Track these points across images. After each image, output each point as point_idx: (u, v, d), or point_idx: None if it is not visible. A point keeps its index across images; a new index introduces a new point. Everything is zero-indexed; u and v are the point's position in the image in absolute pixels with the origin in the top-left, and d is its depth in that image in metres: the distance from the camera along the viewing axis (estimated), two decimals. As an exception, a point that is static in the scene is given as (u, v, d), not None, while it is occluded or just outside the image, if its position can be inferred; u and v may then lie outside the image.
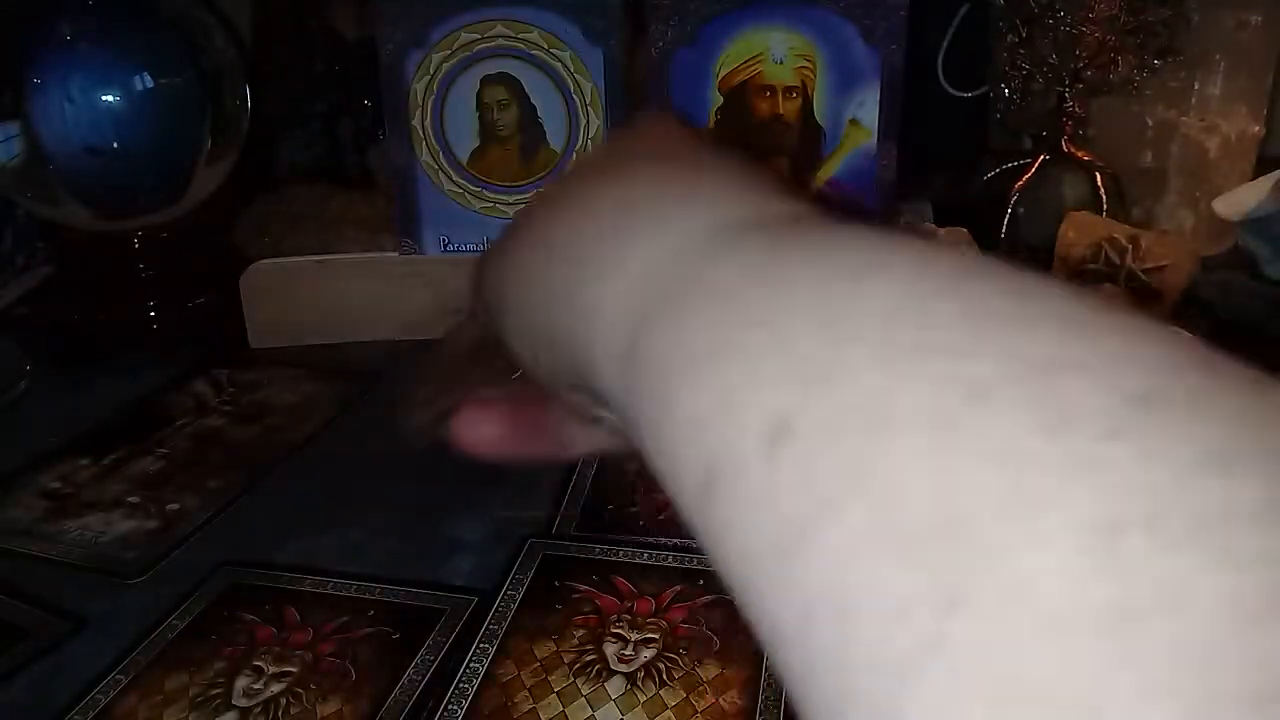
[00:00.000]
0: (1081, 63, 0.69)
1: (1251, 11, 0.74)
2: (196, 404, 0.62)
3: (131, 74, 0.61)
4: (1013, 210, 0.73)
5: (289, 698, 0.39)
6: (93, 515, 0.51)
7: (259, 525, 0.50)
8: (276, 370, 0.66)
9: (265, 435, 0.58)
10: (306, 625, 0.43)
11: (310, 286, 0.69)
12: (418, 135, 0.67)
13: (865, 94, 0.61)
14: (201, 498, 0.52)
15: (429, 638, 0.42)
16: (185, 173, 0.65)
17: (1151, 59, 0.69)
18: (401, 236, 0.68)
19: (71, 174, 0.62)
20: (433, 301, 0.69)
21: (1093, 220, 0.70)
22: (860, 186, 0.63)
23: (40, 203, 0.65)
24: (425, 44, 0.65)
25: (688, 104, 0.64)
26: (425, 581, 0.45)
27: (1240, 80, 0.76)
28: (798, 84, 0.62)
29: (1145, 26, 0.68)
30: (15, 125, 0.61)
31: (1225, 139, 0.76)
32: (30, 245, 0.76)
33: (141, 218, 0.65)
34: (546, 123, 0.66)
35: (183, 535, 0.49)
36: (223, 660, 0.41)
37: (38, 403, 0.63)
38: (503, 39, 0.64)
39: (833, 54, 0.61)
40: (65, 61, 0.60)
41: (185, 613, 0.44)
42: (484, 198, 0.68)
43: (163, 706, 0.39)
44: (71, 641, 0.42)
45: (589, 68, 0.64)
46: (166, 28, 0.64)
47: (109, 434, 0.59)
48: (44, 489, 0.53)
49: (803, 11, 0.60)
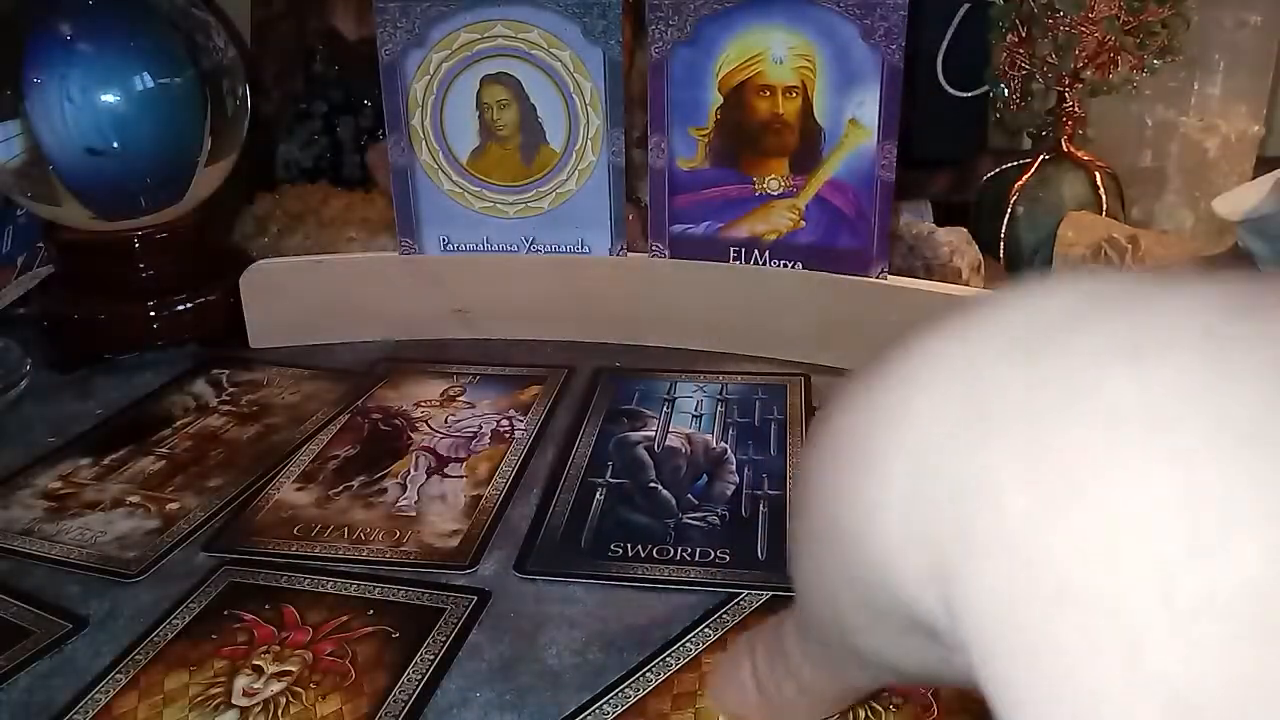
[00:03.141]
0: (1081, 63, 0.69)
1: (1251, 11, 0.74)
2: (196, 404, 0.62)
3: (131, 74, 0.61)
4: (1012, 210, 0.73)
5: (289, 697, 0.39)
6: (93, 515, 0.51)
7: (259, 525, 0.50)
8: (276, 370, 0.66)
9: (265, 435, 0.58)
10: (306, 625, 0.43)
11: (310, 286, 0.69)
12: (418, 135, 0.67)
13: (865, 94, 0.61)
14: (201, 498, 0.52)
15: (429, 637, 0.42)
16: (185, 173, 0.65)
17: (1151, 59, 0.69)
18: (401, 236, 0.68)
19: (71, 174, 0.62)
20: (433, 301, 0.70)
21: (1092, 220, 0.70)
22: (860, 186, 0.63)
23: (40, 203, 0.65)
24: (425, 44, 0.65)
25: (687, 104, 0.64)
26: (425, 581, 0.45)
27: (1240, 80, 0.76)
28: (797, 84, 0.62)
29: (1145, 26, 0.68)
30: (15, 125, 0.61)
31: (1225, 139, 0.76)
32: (30, 245, 0.76)
33: (141, 218, 0.65)
34: (546, 123, 0.66)
35: (183, 535, 0.49)
36: (223, 660, 0.41)
37: (38, 403, 0.63)
38: (503, 39, 0.65)
39: (833, 54, 0.61)
40: (65, 61, 0.60)
41: (185, 613, 0.44)
42: (484, 197, 0.68)
43: (163, 706, 0.39)
44: (71, 641, 0.42)
45: (589, 68, 0.64)
46: (166, 28, 0.64)
47: (109, 434, 0.59)
48: (44, 489, 0.53)
49: (803, 11, 0.61)
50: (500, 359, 0.67)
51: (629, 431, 0.58)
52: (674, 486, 0.52)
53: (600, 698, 0.38)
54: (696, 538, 0.48)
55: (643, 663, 0.40)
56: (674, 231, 0.66)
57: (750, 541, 0.48)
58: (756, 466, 0.54)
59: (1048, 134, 0.73)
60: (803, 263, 0.65)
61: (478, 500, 0.52)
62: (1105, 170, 0.73)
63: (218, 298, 0.68)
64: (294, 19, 0.87)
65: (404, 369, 0.66)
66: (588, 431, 0.58)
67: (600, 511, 0.51)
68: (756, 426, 0.57)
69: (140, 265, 0.66)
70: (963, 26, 0.81)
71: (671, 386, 0.63)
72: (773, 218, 0.65)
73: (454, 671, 0.40)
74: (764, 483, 0.52)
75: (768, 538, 0.48)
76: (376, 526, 0.50)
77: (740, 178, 0.65)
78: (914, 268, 0.68)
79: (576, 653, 0.41)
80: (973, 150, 0.88)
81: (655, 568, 0.46)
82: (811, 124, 0.62)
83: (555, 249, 0.68)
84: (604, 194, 0.66)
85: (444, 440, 0.57)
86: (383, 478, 0.54)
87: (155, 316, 0.66)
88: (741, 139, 0.64)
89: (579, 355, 0.67)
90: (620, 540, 0.48)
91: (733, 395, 0.61)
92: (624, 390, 0.62)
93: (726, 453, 0.55)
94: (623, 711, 0.38)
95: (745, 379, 0.63)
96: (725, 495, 0.52)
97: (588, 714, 0.38)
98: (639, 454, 0.55)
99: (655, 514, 0.50)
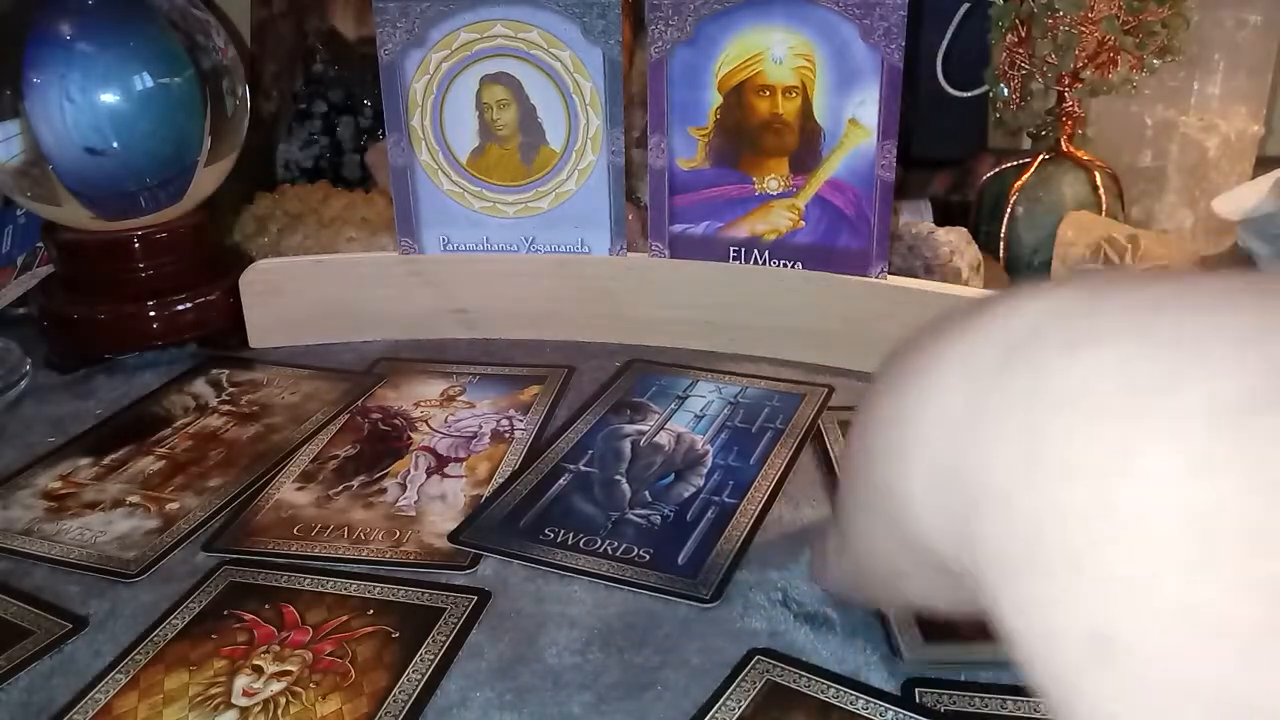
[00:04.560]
0: (1081, 63, 0.69)
1: (1251, 11, 0.74)
2: (196, 404, 0.62)
3: (131, 74, 0.61)
4: (1012, 210, 0.73)
5: (289, 697, 0.39)
6: (93, 515, 0.51)
7: (259, 525, 0.50)
8: (276, 370, 0.66)
9: (265, 435, 0.58)
10: (306, 625, 0.43)
11: (310, 286, 0.69)
12: (418, 135, 0.67)
13: (865, 94, 0.61)
14: (201, 498, 0.52)
15: (429, 637, 0.42)
16: (185, 173, 0.65)
17: (1151, 59, 0.69)
18: (401, 236, 0.68)
19: (71, 174, 0.62)
20: (433, 301, 0.70)
21: (1092, 220, 0.70)
22: (860, 186, 0.63)
23: (40, 203, 0.65)
24: (425, 44, 0.65)
25: (687, 104, 0.64)
26: (425, 581, 0.45)
27: (1240, 80, 0.76)
28: (797, 84, 0.62)
29: (1145, 26, 0.68)
30: (15, 125, 0.61)
31: (1225, 139, 0.76)
32: (30, 245, 0.76)
33: (141, 217, 0.65)
34: (546, 123, 0.66)
35: (183, 535, 0.49)
36: (223, 660, 0.41)
37: (38, 403, 0.63)
38: (502, 39, 0.64)
39: (832, 54, 0.61)
40: (65, 61, 0.60)
41: (185, 613, 0.44)
42: (484, 197, 0.68)
43: (162, 706, 0.39)
44: (71, 641, 0.42)
45: (588, 68, 0.64)
46: (166, 28, 0.64)
47: (109, 434, 0.59)
48: (44, 489, 0.53)
49: (802, 11, 0.61)
50: (500, 359, 0.67)
51: (625, 424, 0.58)
52: (637, 482, 0.52)
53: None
54: (629, 534, 0.48)
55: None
56: (674, 231, 0.66)
57: (677, 546, 0.47)
58: (727, 472, 0.53)
59: (1048, 134, 0.73)
60: (802, 263, 0.65)
61: (478, 500, 0.52)
62: (1105, 170, 0.73)
63: (218, 298, 0.68)
64: (294, 19, 0.87)
65: (404, 369, 0.66)
66: (586, 419, 0.58)
67: (556, 496, 0.51)
68: (752, 433, 0.57)
69: (140, 265, 0.66)
70: (963, 26, 0.81)
71: (691, 385, 0.62)
72: (772, 217, 0.65)
73: (454, 671, 0.40)
74: (725, 489, 0.52)
75: (696, 545, 0.47)
76: (376, 526, 0.50)
77: (740, 177, 0.65)
78: (914, 268, 0.68)
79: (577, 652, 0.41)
80: (973, 150, 0.88)
81: (574, 556, 0.47)
82: (811, 124, 0.62)
83: (555, 249, 0.68)
84: (604, 194, 0.66)
85: (444, 440, 0.57)
86: (383, 478, 0.54)
87: (155, 316, 0.66)
88: (741, 139, 0.64)
89: (579, 355, 0.67)
90: (557, 526, 0.49)
91: (746, 400, 0.61)
92: (643, 383, 0.62)
93: (706, 455, 0.55)
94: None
95: (767, 384, 0.62)
96: (681, 497, 0.51)
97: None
98: (620, 446, 0.56)
99: (605, 505, 0.50)
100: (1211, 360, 0.19)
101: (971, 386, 0.24)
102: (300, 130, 0.85)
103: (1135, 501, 0.19)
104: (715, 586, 0.44)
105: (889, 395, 0.28)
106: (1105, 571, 0.19)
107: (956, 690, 0.38)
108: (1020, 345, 0.23)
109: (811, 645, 0.41)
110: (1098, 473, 0.20)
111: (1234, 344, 0.19)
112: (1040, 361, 0.22)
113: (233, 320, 0.69)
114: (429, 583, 0.45)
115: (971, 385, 0.24)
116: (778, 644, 0.41)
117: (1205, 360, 0.19)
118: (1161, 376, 0.20)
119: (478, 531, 0.49)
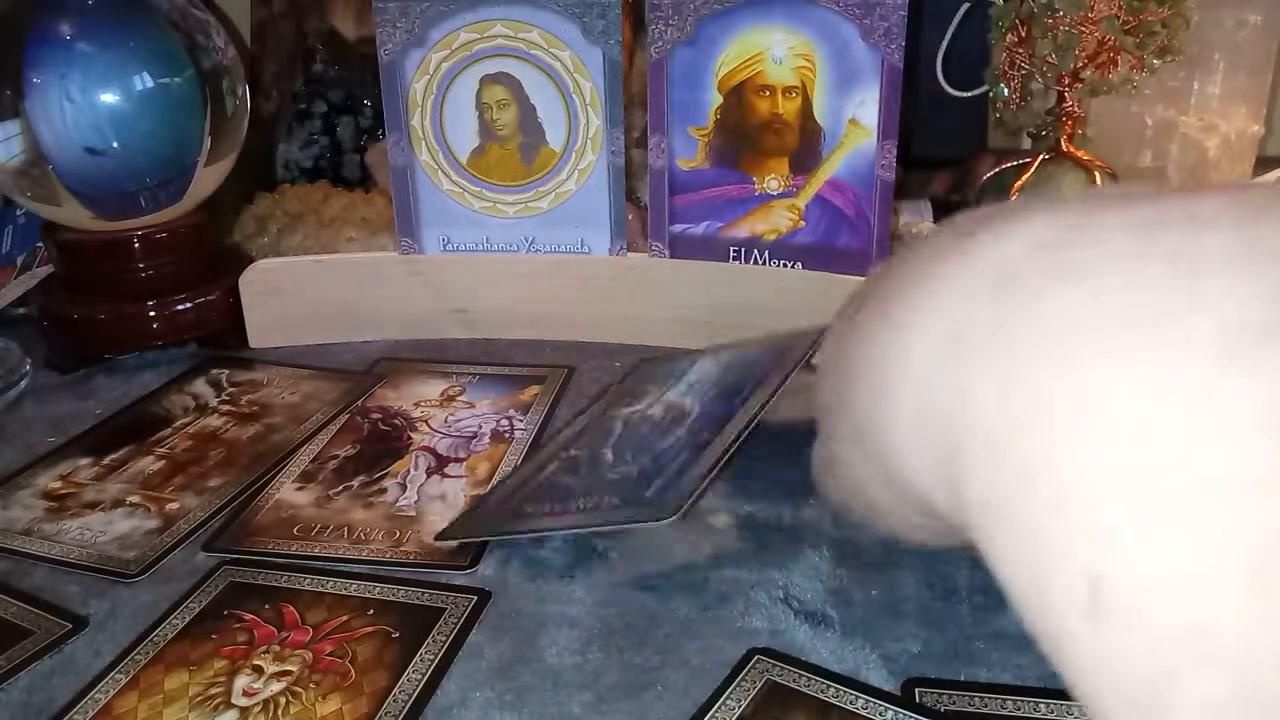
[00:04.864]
0: (1081, 63, 0.69)
1: (1251, 11, 0.74)
2: (196, 404, 0.62)
3: (131, 74, 0.61)
4: (1012, 210, 0.73)
5: (289, 697, 0.39)
6: (93, 515, 0.51)
7: (259, 525, 0.50)
8: (276, 370, 0.66)
9: (265, 435, 0.58)
10: (306, 625, 0.43)
11: (310, 286, 0.69)
12: (418, 135, 0.67)
13: (865, 94, 0.61)
14: (201, 498, 0.52)
15: (429, 637, 0.42)
16: (185, 173, 0.65)
17: (1151, 59, 0.69)
18: (401, 236, 0.69)
19: (71, 174, 0.62)
20: (433, 301, 0.70)
21: (1092, 220, 0.70)
22: (860, 186, 0.63)
23: (40, 203, 0.65)
24: (425, 44, 0.65)
25: (687, 104, 0.64)
26: (425, 581, 0.45)
27: (1240, 80, 0.76)
28: (797, 84, 0.62)
29: (1145, 26, 0.68)
30: (15, 125, 0.61)
31: (1225, 139, 0.76)
32: (30, 245, 0.76)
33: (141, 217, 0.65)
34: (546, 123, 0.66)
35: (183, 535, 0.49)
36: (223, 660, 0.41)
37: (38, 403, 0.63)
38: (502, 39, 0.65)
39: (832, 54, 0.61)
40: (65, 61, 0.60)
41: (185, 613, 0.44)
42: (484, 197, 0.68)
43: (162, 706, 0.39)
44: (71, 641, 0.42)
45: (588, 68, 0.64)
46: (166, 28, 0.64)
47: (109, 434, 0.59)
48: (44, 489, 0.53)
49: (802, 11, 0.61)
50: (500, 359, 0.67)
51: (623, 408, 0.56)
52: (620, 451, 0.51)
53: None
54: (603, 489, 0.47)
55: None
56: (674, 231, 0.66)
57: (648, 484, 0.46)
58: (708, 419, 0.51)
59: (1047, 134, 0.73)
60: (802, 263, 0.65)
61: (478, 500, 0.52)
62: (1105, 170, 0.73)
63: (218, 298, 0.68)
64: (294, 19, 0.87)
65: (404, 369, 0.66)
66: (590, 413, 0.58)
67: (541, 480, 0.51)
68: (738, 386, 0.54)
69: (140, 265, 0.66)
70: (963, 26, 0.81)
71: (692, 364, 0.60)
72: (772, 217, 0.65)
73: (454, 671, 0.40)
74: (701, 430, 0.50)
75: (667, 480, 0.46)
76: (376, 526, 0.50)
77: (740, 177, 0.65)
78: (914, 268, 0.68)
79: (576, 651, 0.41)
80: (973, 150, 0.88)
81: (550, 521, 0.46)
82: (811, 124, 0.62)
83: (555, 249, 0.68)
84: (604, 194, 0.66)
85: (444, 440, 0.57)
86: (382, 477, 0.54)
87: (155, 316, 0.66)
88: (741, 139, 0.64)
89: (579, 355, 0.67)
90: (539, 503, 0.48)
91: (746, 359, 0.57)
92: (651, 373, 0.61)
93: (692, 408, 0.53)
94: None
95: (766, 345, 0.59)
96: (656, 449, 0.50)
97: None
98: (611, 424, 0.55)
99: (586, 477, 0.50)
100: (1200, 292, 0.19)
101: (958, 322, 0.23)
102: (300, 130, 0.85)
103: (1121, 449, 0.18)
104: (677, 505, 0.43)
105: (873, 327, 0.28)
106: (1097, 518, 0.19)
107: (957, 690, 0.38)
108: (1006, 279, 0.22)
109: (811, 645, 0.41)
110: (1083, 416, 0.19)
111: (1222, 274, 0.19)
112: (1026, 296, 0.22)
113: (233, 320, 0.69)
114: (429, 583, 0.45)
115: (958, 320, 0.23)
116: (777, 643, 0.41)
117: (1193, 292, 0.19)
118: (1147, 310, 0.19)
119: (462, 523, 0.49)
